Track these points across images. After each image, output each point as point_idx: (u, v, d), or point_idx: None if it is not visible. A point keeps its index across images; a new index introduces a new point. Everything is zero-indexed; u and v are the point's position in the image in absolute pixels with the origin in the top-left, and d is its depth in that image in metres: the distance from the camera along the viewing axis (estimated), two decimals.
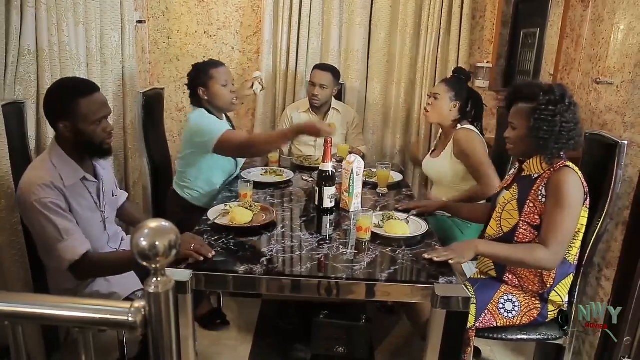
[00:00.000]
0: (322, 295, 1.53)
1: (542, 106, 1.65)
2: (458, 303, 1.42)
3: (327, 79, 2.93)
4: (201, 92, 2.38)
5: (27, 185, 1.60)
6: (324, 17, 3.27)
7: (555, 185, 1.64)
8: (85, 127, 1.64)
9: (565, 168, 1.66)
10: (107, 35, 2.54)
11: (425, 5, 3.15)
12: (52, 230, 1.58)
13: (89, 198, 1.76)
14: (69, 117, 1.62)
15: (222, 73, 2.39)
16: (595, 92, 2.42)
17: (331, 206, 2.03)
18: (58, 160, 1.67)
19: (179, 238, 0.80)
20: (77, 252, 1.60)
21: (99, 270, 1.71)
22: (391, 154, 3.42)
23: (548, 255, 1.62)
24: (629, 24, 2.16)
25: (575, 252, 1.75)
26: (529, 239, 1.71)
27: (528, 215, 1.71)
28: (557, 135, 1.64)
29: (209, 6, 3.35)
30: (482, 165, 2.30)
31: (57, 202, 1.60)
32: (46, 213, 1.57)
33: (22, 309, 0.82)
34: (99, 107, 1.66)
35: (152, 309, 0.79)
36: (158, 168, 2.72)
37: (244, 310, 2.68)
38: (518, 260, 1.68)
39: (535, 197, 1.70)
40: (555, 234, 1.62)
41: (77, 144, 1.67)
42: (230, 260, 1.61)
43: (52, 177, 1.61)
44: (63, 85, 1.70)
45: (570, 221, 1.63)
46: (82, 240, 1.62)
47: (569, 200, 1.62)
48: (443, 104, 2.41)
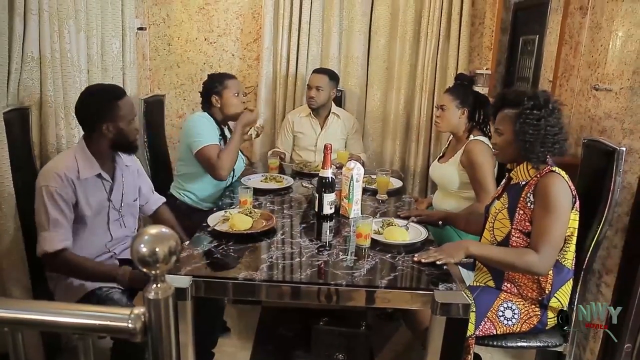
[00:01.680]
0: (322, 302, 1.53)
1: (527, 110, 1.67)
2: (458, 310, 1.42)
3: (323, 81, 2.96)
4: (214, 100, 2.51)
5: (45, 170, 1.74)
6: (324, 24, 3.28)
7: (542, 190, 1.65)
8: (124, 126, 1.80)
9: (551, 173, 1.68)
10: (108, 42, 2.55)
11: (424, 13, 3.16)
12: (43, 217, 1.69)
13: (101, 196, 1.84)
14: (112, 119, 1.77)
15: (235, 84, 2.56)
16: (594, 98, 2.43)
17: (331, 213, 2.04)
18: (81, 154, 1.79)
19: (179, 244, 0.80)
20: (54, 246, 1.69)
21: (68, 271, 1.78)
22: (391, 161, 3.42)
23: (538, 260, 1.63)
24: (627, 31, 2.17)
25: (571, 256, 1.75)
26: (523, 246, 1.72)
27: (519, 222, 1.72)
28: (543, 138, 1.66)
29: (209, 13, 3.36)
30: (485, 180, 2.27)
31: (61, 192, 1.70)
32: (46, 200, 1.68)
33: (22, 315, 0.82)
34: (131, 107, 1.85)
35: (152, 315, 0.79)
36: (159, 173, 2.72)
37: (243, 316, 2.68)
38: (509, 263, 1.68)
39: (524, 204, 1.71)
40: (544, 239, 1.63)
41: (116, 143, 1.82)
42: (230, 266, 1.61)
43: (68, 168, 1.73)
44: (100, 90, 1.84)
45: (558, 225, 1.64)
46: (64, 236, 1.71)
47: (556, 204, 1.63)
48: (451, 114, 2.41)
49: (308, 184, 2.54)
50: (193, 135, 2.41)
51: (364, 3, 3.23)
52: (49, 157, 2.03)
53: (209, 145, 2.38)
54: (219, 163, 2.35)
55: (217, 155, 2.36)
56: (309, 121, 3.08)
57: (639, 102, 2.03)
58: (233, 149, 2.42)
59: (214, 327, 2.26)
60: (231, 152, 2.41)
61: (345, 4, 3.25)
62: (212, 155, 2.36)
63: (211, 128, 2.47)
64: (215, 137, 2.45)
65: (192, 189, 2.53)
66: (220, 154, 2.37)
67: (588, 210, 1.78)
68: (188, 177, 2.52)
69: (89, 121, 1.80)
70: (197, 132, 2.41)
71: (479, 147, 2.31)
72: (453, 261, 1.64)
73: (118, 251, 1.94)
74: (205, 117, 2.50)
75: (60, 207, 1.70)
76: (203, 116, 2.50)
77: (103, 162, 1.85)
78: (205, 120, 2.47)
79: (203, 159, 2.39)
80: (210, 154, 2.37)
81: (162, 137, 3.06)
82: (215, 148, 2.39)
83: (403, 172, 3.29)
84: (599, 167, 1.87)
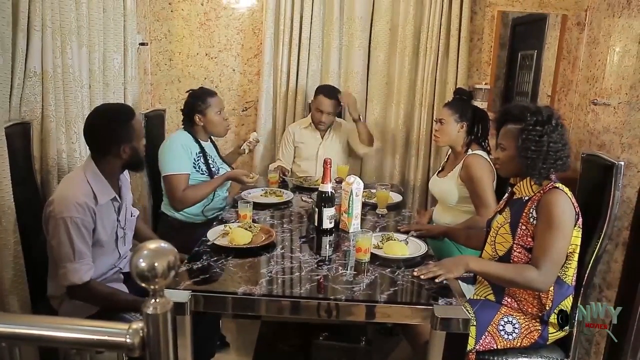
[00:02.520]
0: (322, 316, 1.52)
1: (529, 126, 1.67)
2: (458, 324, 1.41)
3: (333, 106, 3.00)
4: (197, 118, 2.52)
5: (61, 200, 1.68)
6: (324, 40, 3.31)
7: (545, 207, 1.65)
8: (138, 144, 1.81)
9: (554, 189, 1.67)
10: (110, 57, 2.58)
11: (423, 28, 3.19)
12: (67, 249, 1.66)
13: (113, 217, 1.84)
14: (130, 139, 1.77)
15: (218, 102, 2.57)
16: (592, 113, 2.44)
17: (330, 227, 2.03)
18: (93, 178, 1.76)
19: (178, 259, 0.80)
20: (82, 278, 1.67)
21: (95, 301, 1.76)
22: (391, 175, 3.43)
23: (538, 276, 1.62)
24: (624, 46, 2.20)
25: (572, 273, 1.74)
26: (524, 262, 1.71)
27: (521, 238, 1.71)
28: (545, 155, 1.66)
29: (210, 29, 3.40)
30: (485, 194, 2.27)
31: (85, 222, 1.68)
32: (71, 231, 1.65)
33: (20, 330, 0.82)
34: (142, 125, 1.88)
35: (151, 330, 0.79)
36: (158, 188, 2.73)
37: (243, 331, 2.66)
38: (509, 279, 1.68)
39: (526, 219, 1.70)
40: (546, 256, 1.62)
41: (129, 162, 1.82)
42: (229, 281, 1.61)
43: (87, 196, 1.71)
44: (111, 112, 1.82)
45: (560, 242, 1.63)
46: (89, 266, 1.70)
47: (558, 221, 1.62)
48: (450, 128, 2.42)
49: (308, 199, 2.54)
50: (164, 159, 2.43)
51: (364, 19, 3.26)
52: (49, 171, 2.04)
53: (176, 174, 2.39)
54: (180, 196, 2.37)
55: (182, 188, 2.37)
56: (310, 133, 3.11)
57: (637, 116, 2.04)
58: (204, 192, 2.42)
59: (211, 340, 2.25)
60: (200, 193, 2.41)
61: (345, 20, 3.29)
62: (177, 187, 2.37)
63: (184, 154, 2.44)
64: (187, 164, 2.44)
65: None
66: (187, 190, 2.37)
67: (588, 225, 1.78)
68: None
69: (104, 144, 1.77)
70: (169, 157, 2.42)
71: (477, 162, 2.31)
72: (452, 276, 1.64)
73: (122, 265, 1.94)
74: (183, 140, 2.48)
75: (85, 238, 1.69)
76: (180, 139, 2.49)
77: (112, 182, 1.83)
78: (179, 146, 2.45)
79: (167, 186, 2.40)
80: (175, 184, 2.38)
81: None
82: (182, 179, 2.40)
83: (403, 187, 3.29)
84: (598, 181, 1.88)
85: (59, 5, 2.06)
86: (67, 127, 2.14)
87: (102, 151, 1.78)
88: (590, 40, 2.66)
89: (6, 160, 1.75)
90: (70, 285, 1.67)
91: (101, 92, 2.48)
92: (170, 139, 2.53)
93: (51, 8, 1.99)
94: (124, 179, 1.95)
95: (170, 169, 2.39)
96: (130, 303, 1.74)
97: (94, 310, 1.76)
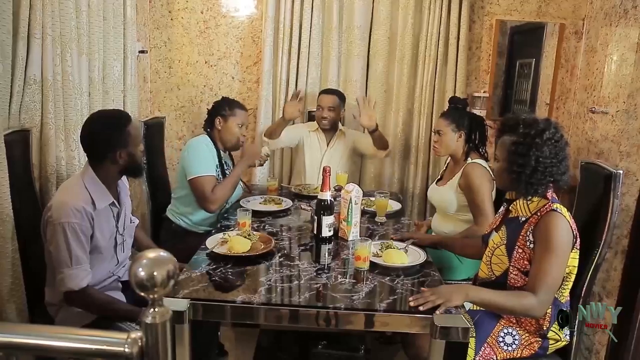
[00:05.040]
0: (321, 325, 1.52)
1: (520, 139, 1.62)
2: (457, 333, 1.41)
3: (334, 101, 3.01)
4: (218, 121, 2.53)
5: (59, 205, 1.68)
6: (323, 48, 3.32)
7: (543, 232, 1.60)
8: (135, 150, 1.81)
9: (553, 212, 1.61)
10: (110, 65, 2.58)
11: (422, 37, 3.21)
12: (65, 255, 1.66)
13: (111, 223, 1.84)
14: (124, 145, 1.77)
15: (244, 115, 2.59)
16: (591, 121, 2.45)
17: (330, 235, 2.03)
18: (91, 184, 1.76)
19: (177, 268, 0.80)
20: (79, 284, 1.67)
21: (89, 307, 1.75)
22: (390, 183, 3.43)
23: (536, 304, 1.58)
24: (621, 55, 2.21)
25: (566, 293, 1.71)
26: (520, 284, 1.68)
27: (517, 261, 1.68)
28: (532, 170, 1.60)
29: (209, 37, 3.41)
30: (483, 204, 2.25)
31: (83, 228, 1.68)
32: (69, 237, 1.65)
33: (17, 339, 0.81)
34: (139, 130, 1.88)
35: (149, 339, 0.78)
36: (157, 196, 2.72)
37: (241, 340, 2.65)
38: (508, 309, 1.64)
39: (523, 242, 1.67)
40: (543, 281, 1.58)
41: (126, 168, 1.82)
42: (228, 289, 1.61)
43: (85, 201, 1.71)
44: (107, 118, 1.83)
45: (557, 267, 1.59)
46: (86, 272, 1.69)
47: (556, 246, 1.58)
48: (448, 138, 2.41)
49: (307, 207, 2.54)
50: (191, 161, 2.41)
51: (363, 28, 3.27)
52: (48, 178, 2.04)
53: (204, 176, 2.36)
54: (211, 197, 2.34)
55: (211, 189, 2.35)
56: (316, 136, 3.11)
57: (634, 124, 2.05)
58: (230, 186, 2.41)
59: (210, 349, 2.23)
60: (227, 188, 2.40)
61: (344, 29, 3.30)
62: (206, 188, 2.35)
63: (210, 156, 2.46)
64: (212, 166, 2.45)
65: (187, 212, 2.51)
66: (215, 189, 2.35)
67: (586, 233, 1.78)
68: (184, 201, 2.50)
69: (100, 150, 1.77)
70: (196, 159, 2.40)
71: (476, 170, 2.30)
72: (451, 305, 1.52)
73: (121, 274, 1.93)
74: (206, 143, 2.49)
75: (82, 243, 1.68)
76: (203, 142, 2.49)
77: (110, 189, 1.83)
78: (204, 147, 2.46)
79: (196, 189, 2.37)
80: (205, 185, 2.35)
81: (162, 159, 3.07)
82: (211, 180, 2.38)
83: (402, 194, 3.28)
84: (597, 189, 1.88)
85: (59, 13, 2.07)
86: (66, 135, 2.14)
87: (98, 157, 1.78)
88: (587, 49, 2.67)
89: (5, 168, 1.74)
90: (68, 291, 1.67)
91: (101, 100, 2.49)
92: (194, 141, 2.51)
93: (51, 16, 1.99)
94: (123, 185, 1.95)
95: (198, 171, 2.37)
96: (127, 312, 1.74)
97: (91, 318, 1.75)
